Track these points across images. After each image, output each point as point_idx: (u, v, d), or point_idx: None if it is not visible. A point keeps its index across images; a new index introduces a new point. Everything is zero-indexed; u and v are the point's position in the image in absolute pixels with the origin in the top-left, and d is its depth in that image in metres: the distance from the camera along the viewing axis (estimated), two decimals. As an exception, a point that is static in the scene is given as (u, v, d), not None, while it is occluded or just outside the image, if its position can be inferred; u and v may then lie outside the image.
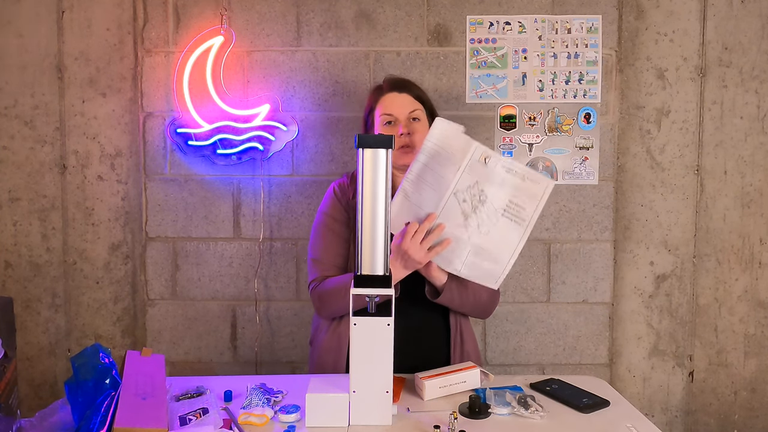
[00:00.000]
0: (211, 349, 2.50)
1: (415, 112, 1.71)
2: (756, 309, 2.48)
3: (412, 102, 1.72)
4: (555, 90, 2.41)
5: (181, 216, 2.45)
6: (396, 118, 1.70)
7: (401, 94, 1.72)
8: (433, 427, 1.30)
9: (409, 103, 1.71)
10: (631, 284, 2.48)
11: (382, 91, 1.75)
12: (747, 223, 2.46)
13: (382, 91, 1.75)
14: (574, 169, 2.44)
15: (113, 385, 1.32)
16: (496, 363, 2.50)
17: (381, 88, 1.76)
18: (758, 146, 2.43)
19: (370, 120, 1.76)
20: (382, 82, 1.80)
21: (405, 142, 1.68)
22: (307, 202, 2.44)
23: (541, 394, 1.52)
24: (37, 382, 2.49)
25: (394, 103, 1.71)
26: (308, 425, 1.34)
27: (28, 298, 2.46)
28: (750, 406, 2.51)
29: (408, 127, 1.69)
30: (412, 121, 1.70)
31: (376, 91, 1.77)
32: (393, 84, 1.75)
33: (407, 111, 1.70)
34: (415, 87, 1.77)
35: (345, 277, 1.65)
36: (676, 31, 2.41)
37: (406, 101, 1.71)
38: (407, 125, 1.69)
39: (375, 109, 1.74)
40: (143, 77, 2.41)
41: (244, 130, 2.35)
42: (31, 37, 2.39)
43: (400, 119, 1.70)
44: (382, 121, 1.71)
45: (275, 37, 2.40)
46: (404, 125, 1.69)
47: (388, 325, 1.35)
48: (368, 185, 1.38)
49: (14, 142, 2.42)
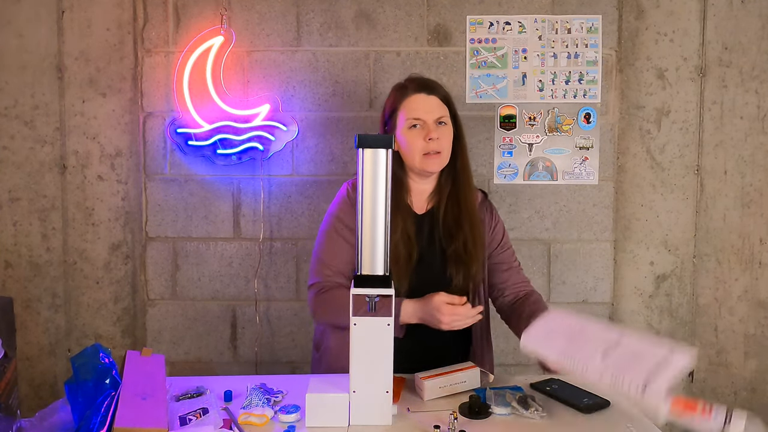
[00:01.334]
0: (211, 349, 2.50)
1: (443, 117, 1.62)
2: (756, 309, 2.48)
3: (439, 105, 1.63)
4: (555, 90, 2.41)
5: (181, 216, 2.45)
6: (423, 122, 1.60)
7: (429, 96, 1.62)
8: (433, 427, 1.30)
9: (437, 107, 1.62)
10: (631, 284, 2.48)
11: (408, 91, 1.64)
12: (747, 223, 2.46)
13: (407, 92, 1.64)
14: (574, 169, 2.44)
15: (113, 385, 1.32)
16: (496, 363, 2.48)
17: (405, 88, 1.65)
18: (758, 146, 2.43)
19: (391, 122, 1.66)
20: (405, 81, 1.69)
21: (433, 148, 1.60)
22: (307, 202, 2.44)
23: (541, 394, 1.52)
24: (37, 382, 2.49)
25: (421, 107, 1.61)
26: (308, 425, 1.34)
27: (28, 298, 2.46)
28: (750, 406, 2.51)
29: (436, 131, 1.60)
30: (439, 125, 1.62)
31: (400, 90, 1.66)
32: (421, 85, 1.65)
33: (435, 115, 1.61)
34: (441, 88, 1.66)
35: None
36: (676, 31, 2.41)
37: (434, 105, 1.62)
38: (435, 130, 1.60)
39: (399, 111, 1.63)
40: (143, 77, 2.41)
41: (244, 130, 2.35)
42: (31, 37, 2.39)
43: (428, 123, 1.60)
44: (407, 125, 1.61)
45: (275, 37, 2.40)
46: (433, 130, 1.60)
47: (388, 325, 1.35)
48: (368, 185, 1.37)
49: (14, 142, 2.42)
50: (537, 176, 2.44)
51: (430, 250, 1.67)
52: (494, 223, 1.76)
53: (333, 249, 1.65)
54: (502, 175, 2.44)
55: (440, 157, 1.62)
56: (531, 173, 2.44)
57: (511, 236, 2.44)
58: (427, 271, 1.65)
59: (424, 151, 1.61)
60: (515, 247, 2.43)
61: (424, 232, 1.68)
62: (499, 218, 1.79)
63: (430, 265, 1.66)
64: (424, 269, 1.64)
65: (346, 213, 1.64)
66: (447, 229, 1.67)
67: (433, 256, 1.67)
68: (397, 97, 1.66)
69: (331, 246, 1.65)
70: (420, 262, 1.63)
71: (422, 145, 1.61)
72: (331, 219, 1.67)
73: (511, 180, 2.44)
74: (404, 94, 1.64)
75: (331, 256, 1.65)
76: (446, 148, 1.63)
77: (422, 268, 1.64)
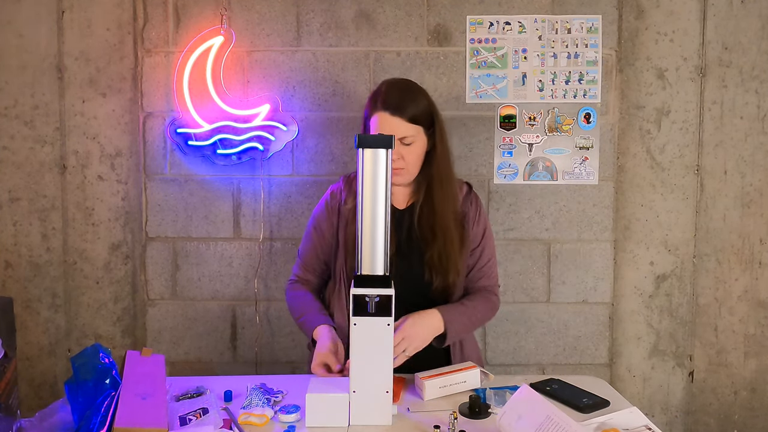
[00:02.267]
0: (211, 349, 2.50)
1: (407, 138, 1.61)
2: (756, 309, 2.48)
3: (404, 127, 1.60)
4: (555, 90, 2.41)
5: (181, 216, 2.45)
6: None
7: (393, 117, 1.60)
8: (433, 427, 1.30)
9: (400, 128, 1.60)
10: (631, 284, 2.48)
11: (376, 106, 1.62)
12: (747, 223, 2.46)
13: (376, 106, 1.63)
14: (574, 169, 2.44)
15: (113, 385, 1.32)
16: (496, 363, 2.50)
17: (375, 101, 1.63)
18: (758, 146, 2.43)
19: (366, 126, 1.68)
20: (379, 90, 1.66)
21: (395, 166, 1.61)
22: (307, 202, 2.44)
23: (541, 394, 1.52)
24: (37, 382, 2.49)
25: (385, 126, 1.60)
26: (308, 425, 1.34)
27: (28, 298, 2.46)
28: (750, 406, 2.51)
29: (397, 152, 1.60)
30: (403, 145, 1.61)
31: (372, 100, 1.65)
32: (387, 102, 1.61)
33: (398, 136, 1.60)
34: (411, 105, 1.62)
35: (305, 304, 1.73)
36: (676, 31, 2.41)
37: (397, 126, 1.60)
38: (397, 149, 1.60)
39: (369, 119, 1.66)
40: (143, 77, 2.41)
41: (244, 130, 2.35)
42: (31, 37, 2.39)
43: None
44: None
45: (275, 37, 2.40)
46: (395, 150, 1.58)
47: (388, 325, 1.35)
48: (368, 185, 1.38)
49: (14, 142, 2.42)
50: (537, 176, 2.44)
51: (408, 246, 1.69)
52: (477, 217, 1.75)
53: (306, 246, 1.80)
54: (502, 175, 2.44)
55: (404, 173, 1.66)
56: (531, 173, 2.44)
57: (511, 236, 2.46)
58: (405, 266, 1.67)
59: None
60: (515, 247, 2.46)
61: (403, 227, 1.71)
62: (482, 212, 1.76)
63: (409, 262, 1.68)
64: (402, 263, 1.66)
65: (320, 214, 1.78)
66: (423, 233, 1.70)
67: (411, 252, 1.69)
68: (369, 106, 1.67)
69: (306, 243, 1.81)
70: (397, 254, 1.66)
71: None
72: (311, 218, 1.81)
73: (511, 180, 2.44)
74: (373, 107, 1.64)
75: (305, 252, 1.81)
76: (410, 164, 1.65)
77: (399, 260, 1.66)
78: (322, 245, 1.77)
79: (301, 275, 1.81)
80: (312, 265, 1.80)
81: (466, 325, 1.67)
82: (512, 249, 2.46)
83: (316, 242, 1.78)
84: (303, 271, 1.81)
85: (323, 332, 1.63)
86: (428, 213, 1.69)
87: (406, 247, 1.69)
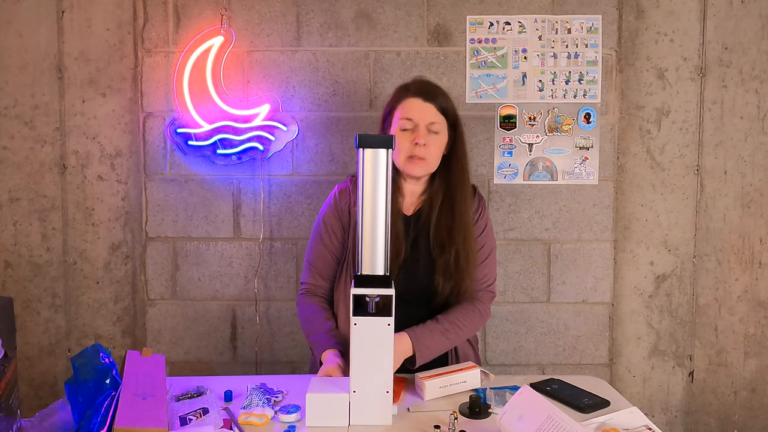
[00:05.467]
0: (211, 349, 2.50)
1: (435, 125, 1.63)
2: (756, 309, 2.48)
3: (434, 113, 1.63)
4: (555, 90, 2.41)
5: (181, 216, 2.45)
6: (415, 125, 1.62)
7: (426, 103, 1.63)
8: (433, 427, 1.30)
9: (431, 114, 1.63)
10: (631, 284, 2.48)
11: (408, 93, 1.65)
12: (747, 223, 2.46)
13: (407, 93, 1.65)
14: (574, 169, 2.44)
15: (113, 385, 1.32)
16: (496, 363, 2.50)
17: (407, 89, 1.67)
18: (758, 146, 2.44)
19: (388, 120, 1.68)
20: (409, 82, 1.71)
21: (417, 153, 1.61)
22: (307, 202, 2.44)
23: (541, 394, 1.52)
24: (37, 382, 2.49)
25: (415, 109, 1.62)
26: (308, 425, 1.34)
27: (28, 298, 2.46)
28: (750, 406, 2.51)
29: (425, 138, 1.61)
30: (430, 132, 1.63)
31: (402, 90, 1.68)
32: (420, 89, 1.66)
33: (427, 120, 1.62)
34: (441, 97, 1.66)
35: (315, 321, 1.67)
36: (676, 31, 2.41)
37: (428, 111, 1.63)
38: (425, 136, 1.62)
39: (395, 110, 1.65)
40: (143, 77, 2.41)
41: (244, 130, 2.35)
42: (31, 37, 2.39)
43: (419, 127, 1.62)
44: (400, 126, 1.63)
45: (275, 37, 2.40)
46: (422, 135, 1.61)
47: (389, 325, 1.35)
48: (368, 185, 1.38)
49: (14, 142, 2.42)
50: (537, 176, 2.44)
51: (413, 254, 1.67)
52: (477, 215, 1.73)
53: (315, 252, 1.74)
54: (502, 175, 2.44)
55: (424, 164, 1.63)
56: (531, 173, 2.44)
57: (511, 236, 2.46)
58: (410, 273, 1.65)
59: (409, 153, 1.62)
60: (515, 247, 2.46)
61: (409, 234, 1.69)
62: (485, 213, 1.75)
63: (414, 270, 1.66)
64: (407, 271, 1.65)
65: (329, 216, 1.73)
66: (438, 238, 1.67)
67: (416, 260, 1.67)
68: (396, 97, 1.68)
69: (314, 248, 1.75)
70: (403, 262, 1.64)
71: (408, 148, 1.62)
72: (317, 220, 1.76)
73: (511, 180, 2.44)
74: (404, 96, 1.66)
75: (314, 258, 1.74)
76: (433, 156, 1.64)
77: (405, 269, 1.64)
78: (332, 248, 1.72)
79: (312, 282, 1.75)
80: (323, 270, 1.73)
81: (441, 342, 1.61)
82: (512, 249, 2.46)
83: (326, 245, 1.72)
84: (314, 278, 1.74)
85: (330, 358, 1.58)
86: (446, 215, 1.67)
87: (411, 254, 1.67)
